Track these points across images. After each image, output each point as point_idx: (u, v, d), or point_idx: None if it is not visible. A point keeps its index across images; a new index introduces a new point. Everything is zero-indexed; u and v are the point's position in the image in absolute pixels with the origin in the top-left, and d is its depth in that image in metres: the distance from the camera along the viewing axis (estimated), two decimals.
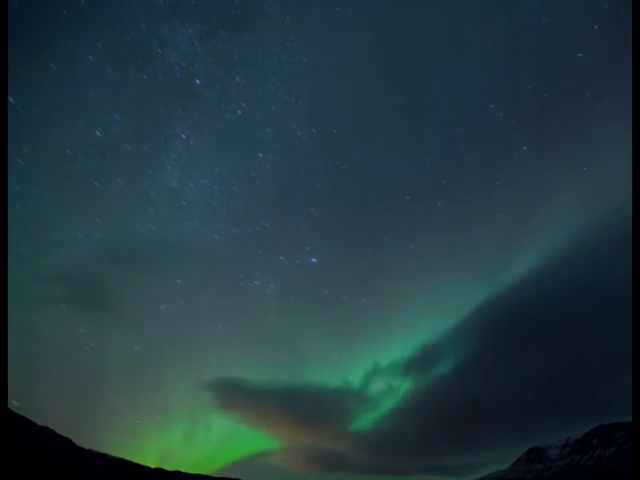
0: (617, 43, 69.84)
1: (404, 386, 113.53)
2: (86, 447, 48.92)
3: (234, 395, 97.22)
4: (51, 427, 47.95)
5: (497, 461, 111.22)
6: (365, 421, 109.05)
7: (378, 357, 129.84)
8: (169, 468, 54.82)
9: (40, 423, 47.69)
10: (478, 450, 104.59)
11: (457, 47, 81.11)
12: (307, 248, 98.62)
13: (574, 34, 77.03)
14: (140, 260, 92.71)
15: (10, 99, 69.32)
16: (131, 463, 51.31)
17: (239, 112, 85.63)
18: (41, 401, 75.02)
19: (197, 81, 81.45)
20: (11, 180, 74.69)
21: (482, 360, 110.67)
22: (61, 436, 47.89)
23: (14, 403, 51.02)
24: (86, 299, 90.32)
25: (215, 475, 60.61)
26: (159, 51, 75.86)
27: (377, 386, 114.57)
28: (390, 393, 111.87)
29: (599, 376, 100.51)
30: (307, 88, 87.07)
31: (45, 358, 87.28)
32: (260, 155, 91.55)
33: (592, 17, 72.85)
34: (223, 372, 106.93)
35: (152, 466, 52.77)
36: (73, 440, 48.34)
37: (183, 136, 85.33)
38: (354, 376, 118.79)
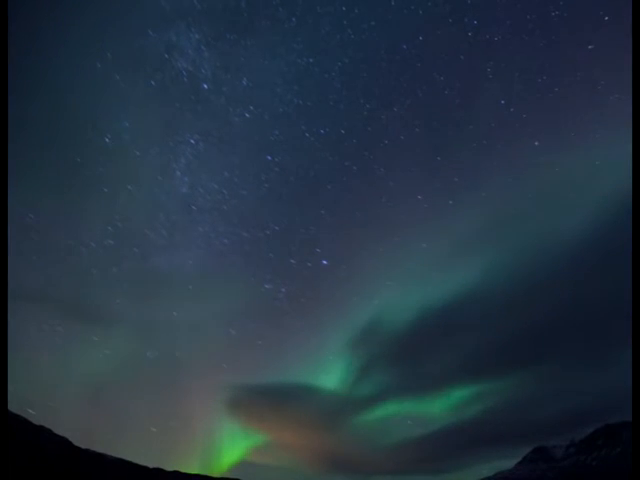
0: (628, 34, 68.12)
1: None
2: (83, 447, 48.15)
3: (246, 399, 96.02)
4: (47, 426, 47.12)
5: (501, 460, 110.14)
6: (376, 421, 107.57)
7: None
8: (169, 468, 54.22)
9: (36, 422, 46.89)
10: (481, 449, 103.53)
11: (466, 43, 79.52)
12: (318, 250, 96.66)
13: (584, 26, 75.02)
14: (151, 266, 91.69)
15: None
16: (130, 463, 50.83)
17: (247, 115, 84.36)
18: (57, 409, 74.30)
19: (204, 85, 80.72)
20: (21, 188, 74.11)
21: None
22: (58, 435, 47.18)
23: (30, 412, 50.17)
24: (98, 306, 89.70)
25: (215, 476, 60.18)
26: (166, 57, 75.60)
27: None
28: None
29: (602, 374, 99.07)
30: (315, 89, 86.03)
31: (59, 367, 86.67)
32: (269, 158, 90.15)
33: (602, 8, 70.85)
34: (236, 377, 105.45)
35: (151, 466, 52.22)
36: (70, 440, 47.60)
37: (192, 141, 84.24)
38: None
